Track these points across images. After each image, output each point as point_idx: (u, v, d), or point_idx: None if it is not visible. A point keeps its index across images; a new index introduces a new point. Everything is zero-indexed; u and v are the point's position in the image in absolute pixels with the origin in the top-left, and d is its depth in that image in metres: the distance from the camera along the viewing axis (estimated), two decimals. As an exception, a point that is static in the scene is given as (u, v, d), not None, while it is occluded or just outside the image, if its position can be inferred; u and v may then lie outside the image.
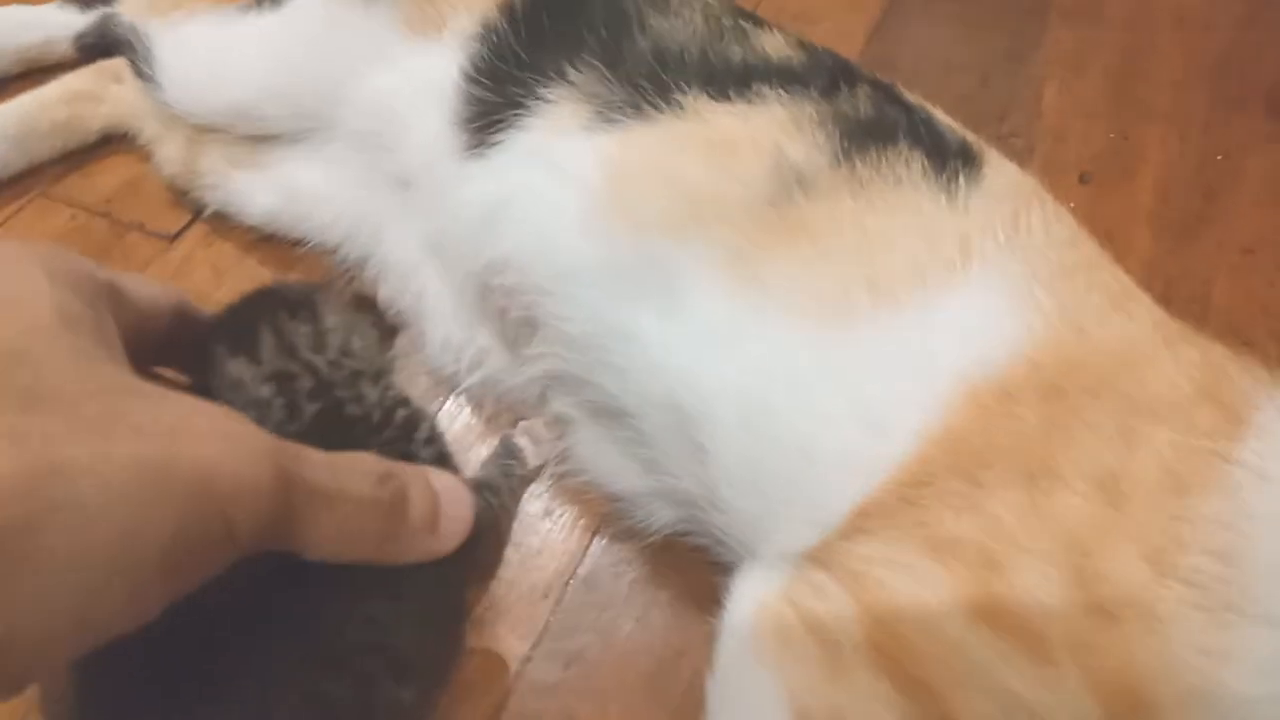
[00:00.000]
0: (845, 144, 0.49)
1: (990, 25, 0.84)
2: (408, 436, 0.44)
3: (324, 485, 0.35)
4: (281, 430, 0.41)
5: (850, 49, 0.81)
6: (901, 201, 0.46)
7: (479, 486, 0.47)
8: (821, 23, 0.84)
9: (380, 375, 0.45)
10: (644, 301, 0.47)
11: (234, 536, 0.32)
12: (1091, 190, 0.69)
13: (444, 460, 0.45)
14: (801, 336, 0.44)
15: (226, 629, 0.37)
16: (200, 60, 0.66)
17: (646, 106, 0.52)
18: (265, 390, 0.42)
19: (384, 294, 0.63)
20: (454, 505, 0.39)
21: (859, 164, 0.48)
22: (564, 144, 0.53)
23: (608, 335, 0.48)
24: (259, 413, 0.42)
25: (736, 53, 0.57)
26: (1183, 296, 0.62)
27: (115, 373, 0.34)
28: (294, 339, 0.44)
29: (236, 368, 0.43)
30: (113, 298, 0.38)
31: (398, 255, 0.62)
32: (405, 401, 0.45)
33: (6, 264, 0.35)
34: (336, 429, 0.42)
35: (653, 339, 0.46)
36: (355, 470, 0.37)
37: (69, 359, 0.33)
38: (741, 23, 0.60)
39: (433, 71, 0.60)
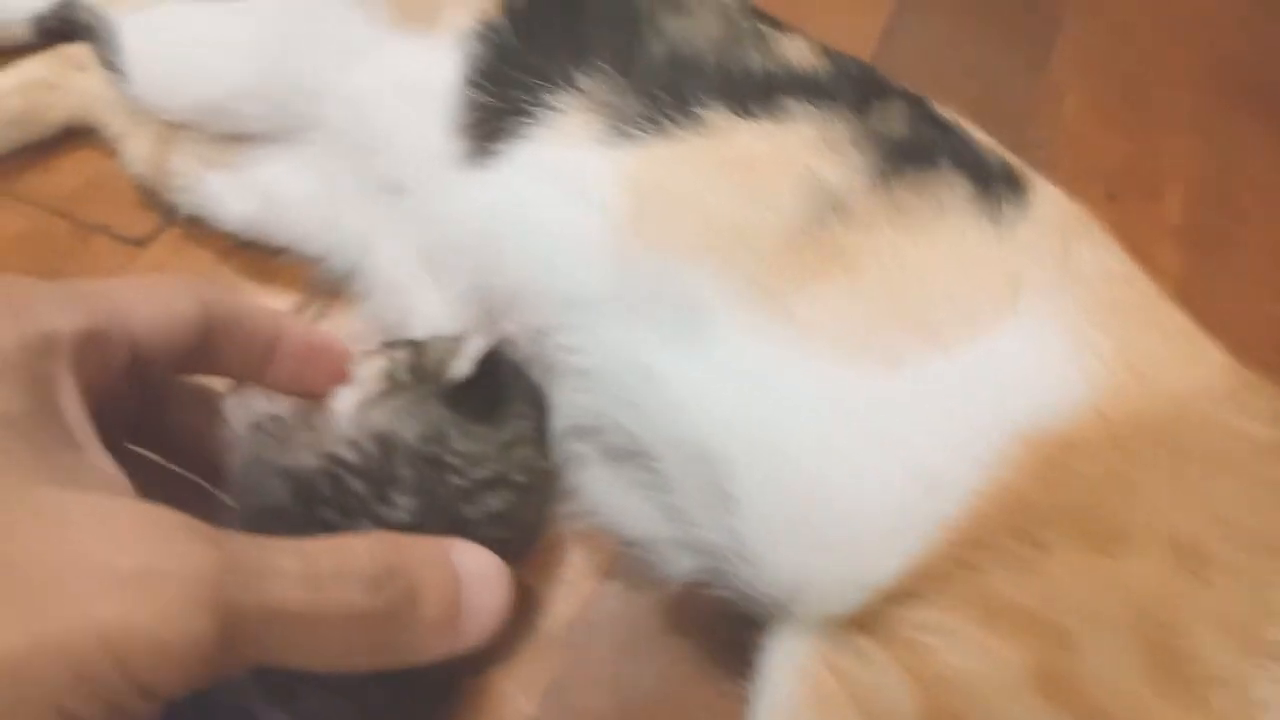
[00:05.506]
0: (882, 166, 0.45)
1: (1004, 29, 0.81)
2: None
3: (296, 606, 0.28)
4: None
5: (858, 54, 0.78)
6: (945, 231, 0.43)
7: None
8: (826, 25, 0.81)
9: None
10: (666, 336, 0.43)
11: (155, 696, 0.26)
12: (1118, 206, 0.66)
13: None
14: (839, 378, 0.40)
15: None
16: (170, 51, 0.61)
17: (664, 120, 0.48)
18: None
19: (373, 309, 0.59)
20: (482, 593, 0.33)
21: (898, 188, 0.44)
22: (575, 158, 0.49)
23: (625, 371, 0.44)
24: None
25: (757, 60, 0.53)
26: (1215, 320, 0.59)
27: (15, 487, 0.26)
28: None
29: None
30: (88, 348, 0.30)
31: (387, 268, 0.57)
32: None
33: None
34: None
35: (675, 377, 0.43)
36: (343, 574, 0.29)
37: None
38: (759, 25, 0.57)
39: (426, 70, 0.56)
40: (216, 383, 0.41)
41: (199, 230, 0.63)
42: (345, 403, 0.43)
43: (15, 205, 0.65)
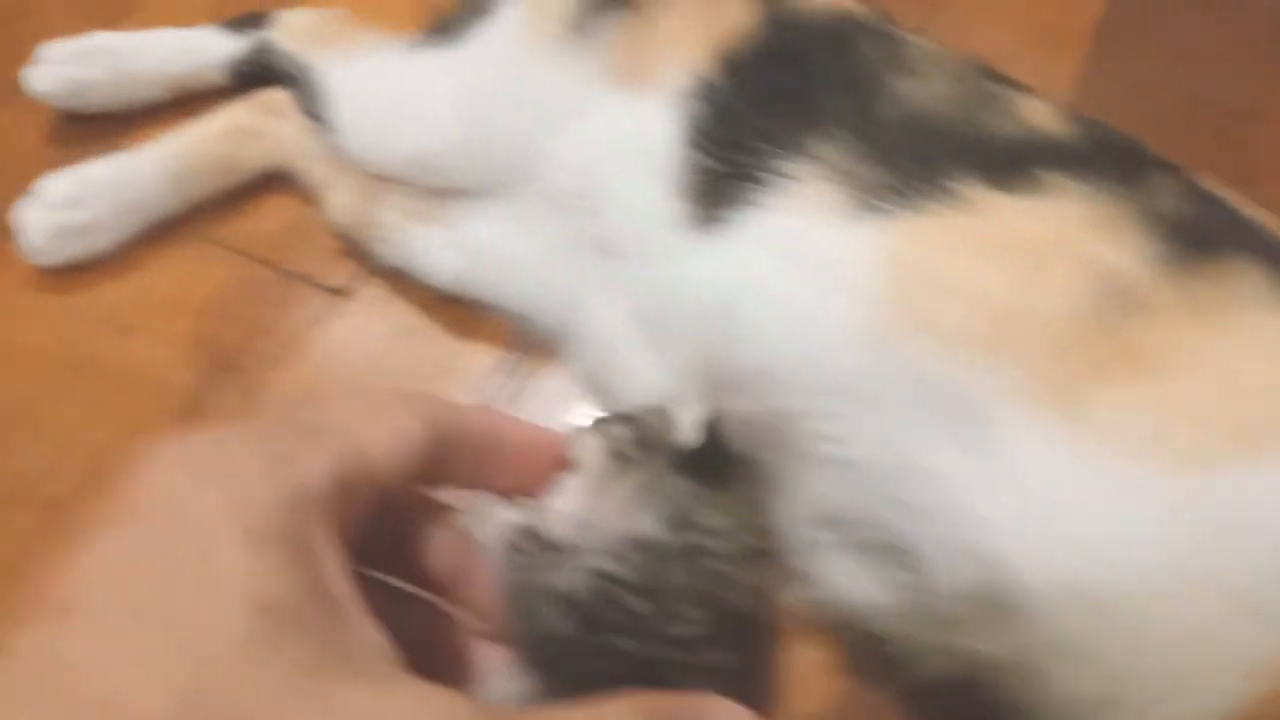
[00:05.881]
0: (1166, 250, 0.42)
1: (1223, 66, 0.75)
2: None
3: None
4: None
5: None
6: (1247, 324, 0.40)
7: None
8: (1017, 67, 0.77)
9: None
10: (942, 432, 0.41)
11: None
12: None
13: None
14: (1146, 490, 0.37)
15: None
16: (379, 105, 0.62)
17: (915, 194, 0.46)
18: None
19: (584, 371, 0.58)
20: None
21: (1187, 276, 0.41)
22: (819, 233, 0.47)
23: (892, 467, 0.42)
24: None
25: (1001, 125, 0.50)
26: None
27: (293, 692, 0.25)
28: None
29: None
30: (337, 494, 0.29)
31: (599, 330, 0.56)
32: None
33: (184, 534, 0.26)
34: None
35: (954, 478, 0.40)
36: None
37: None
38: (991, 85, 0.54)
39: (643, 129, 0.55)
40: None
41: (399, 280, 0.64)
42: (575, 491, 0.42)
43: (219, 253, 0.67)
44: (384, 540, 0.34)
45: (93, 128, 0.73)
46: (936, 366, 0.41)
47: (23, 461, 0.58)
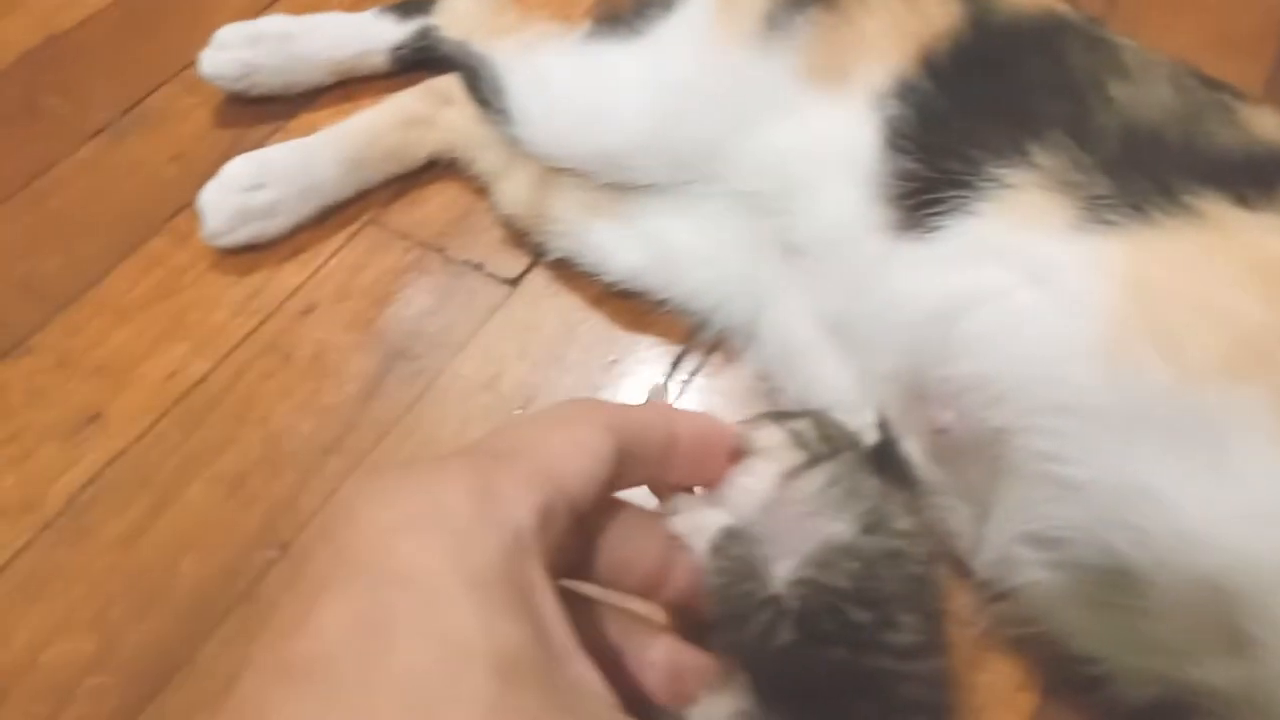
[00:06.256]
0: None
1: None
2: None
3: None
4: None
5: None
6: None
7: None
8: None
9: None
10: (1178, 455, 0.40)
11: None
12: None
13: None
14: None
15: None
16: (565, 99, 0.61)
17: (1145, 207, 0.44)
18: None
19: (759, 371, 0.58)
20: None
21: None
22: (1047, 245, 0.45)
23: (1124, 490, 0.40)
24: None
25: (1230, 136, 0.49)
26: None
27: None
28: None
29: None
30: (543, 530, 0.29)
31: (783, 331, 0.56)
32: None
33: (413, 590, 0.26)
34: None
35: (1188, 503, 0.39)
36: None
37: None
38: (1211, 92, 0.52)
39: (839, 131, 0.54)
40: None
41: (568, 271, 0.64)
42: (763, 479, 0.40)
43: (390, 239, 0.68)
44: (569, 546, 0.34)
45: (257, 111, 0.75)
46: (1175, 387, 0.40)
47: (202, 438, 0.59)
